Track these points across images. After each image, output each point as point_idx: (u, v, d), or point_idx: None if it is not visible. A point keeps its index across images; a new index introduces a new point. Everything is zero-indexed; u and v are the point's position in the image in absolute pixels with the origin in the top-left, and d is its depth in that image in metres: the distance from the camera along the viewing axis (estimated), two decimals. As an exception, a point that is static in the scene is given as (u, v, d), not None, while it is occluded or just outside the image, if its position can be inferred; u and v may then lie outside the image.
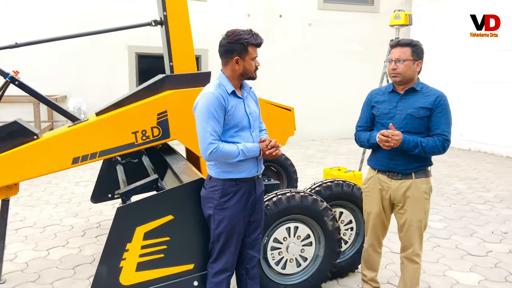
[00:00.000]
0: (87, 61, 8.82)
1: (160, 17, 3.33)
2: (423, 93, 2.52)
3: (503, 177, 6.77)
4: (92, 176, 6.46)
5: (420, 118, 2.46)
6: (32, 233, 4.11)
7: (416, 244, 2.57)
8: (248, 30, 2.25)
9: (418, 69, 2.52)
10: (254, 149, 2.28)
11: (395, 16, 5.42)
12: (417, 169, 2.51)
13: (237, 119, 2.27)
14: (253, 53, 2.24)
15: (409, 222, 2.55)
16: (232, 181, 2.29)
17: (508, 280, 3.29)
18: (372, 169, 2.71)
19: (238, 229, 2.34)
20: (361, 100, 2.90)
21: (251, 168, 2.32)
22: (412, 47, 2.49)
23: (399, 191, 2.54)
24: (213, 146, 2.17)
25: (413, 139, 2.41)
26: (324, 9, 10.35)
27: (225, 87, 2.26)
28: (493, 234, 4.27)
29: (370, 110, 2.71)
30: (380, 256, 2.86)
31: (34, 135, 2.93)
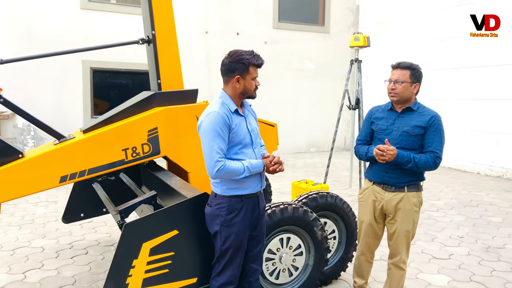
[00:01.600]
0: (38, 76, 8.45)
1: (147, 36, 3.37)
2: (419, 112, 2.70)
3: (449, 186, 7.37)
4: (49, 196, 6.18)
5: (415, 136, 2.65)
6: (2, 257, 3.88)
7: (403, 252, 2.76)
8: (250, 51, 2.37)
9: (415, 91, 2.71)
10: (258, 165, 2.37)
11: (355, 38, 5.81)
12: (410, 183, 2.69)
13: (240, 136, 2.36)
14: (253, 73, 2.37)
15: (398, 231, 2.73)
16: (237, 197, 2.36)
17: (472, 279, 3.63)
18: (368, 181, 2.88)
19: (243, 244, 2.43)
20: (313, 115, 3.16)
21: (255, 184, 2.42)
22: (412, 70, 2.67)
23: (392, 202, 2.72)
24: (220, 164, 2.24)
25: (406, 155, 2.59)
26: (278, 28, 10.74)
27: (228, 106, 2.35)
28: (451, 238, 4.66)
29: (369, 126, 2.88)
30: (371, 266, 3.01)
31: (19, 153, 2.84)
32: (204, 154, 2.30)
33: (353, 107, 6.14)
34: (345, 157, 10.17)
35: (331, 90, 11.02)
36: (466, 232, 4.87)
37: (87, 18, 8.75)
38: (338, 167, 9.14)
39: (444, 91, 9.18)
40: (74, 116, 8.74)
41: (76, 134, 3.14)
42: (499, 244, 4.49)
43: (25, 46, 8.14)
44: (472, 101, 8.66)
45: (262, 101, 10.33)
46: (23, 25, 8.25)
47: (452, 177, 8.21)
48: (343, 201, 3.43)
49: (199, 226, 2.49)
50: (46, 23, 8.41)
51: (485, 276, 3.70)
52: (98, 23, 8.81)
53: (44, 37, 8.29)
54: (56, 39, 8.29)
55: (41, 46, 8.06)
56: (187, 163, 3.27)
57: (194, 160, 3.23)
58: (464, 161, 8.96)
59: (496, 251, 4.30)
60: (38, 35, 8.32)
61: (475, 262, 4.00)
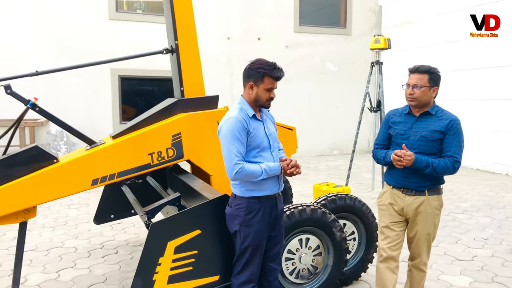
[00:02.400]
0: (70, 84, 8.83)
1: (170, 45, 3.55)
2: (438, 116, 2.67)
3: (475, 188, 7.26)
4: (81, 199, 6.47)
5: (433, 141, 2.61)
6: (37, 256, 4.13)
7: (424, 254, 2.76)
8: (273, 63, 2.48)
9: (434, 95, 2.68)
10: (276, 168, 2.47)
11: (375, 40, 5.84)
12: (430, 187, 2.66)
13: (258, 140, 2.47)
14: (268, 84, 2.45)
15: (419, 235, 2.71)
16: (255, 199, 2.47)
17: (495, 280, 3.62)
18: (387, 185, 2.85)
19: (262, 243, 2.53)
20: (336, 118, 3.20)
21: (273, 186, 2.52)
22: (430, 74, 2.63)
23: (412, 206, 2.68)
24: (238, 166, 2.36)
25: (424, 160, 2.56)
26: (300, 32, 10.83)
27: (246, 111, 2.47)
28: (475, 240, 4.63)
29: (387, 130, 2.86)
30: (395, 277, 2.80)
31: (54, 158, 3.04)
32: (224, 157, 2.42)
33: (374, 109, 6.16)
34: (368, 160, 10.11)
35: (354, 93, 10.98)
36: (491, 234, 4.82)
37: (115, 28, 9.10)
38: (361, 169, 9.13)
39: (473, 91, 9.03)
40: (104, 122, 9.09)
41: (106, 140, 3.33)
42: (525, 246, 4.43)
43: (57, 57, 8.54)
44: (502, 101, 8.48)
45: (285, 104, 10.49)
46: (54, 37, 8.66)
47: (480, 179, 8.07)
48: (362, 203, 3.49)
49: (220, 226, 2.62)
50: (76, 34, 8.79)
51: (508, 277, 3.67)
52: (126, 32, 9.14)
53: (74, 48, 8.68)
54: (86, 49, 8.66)
55: (72, 57, 8.44)
56: (209, 166, 3.41)
57: (216, 163, 3.37)
58: (492, 162, 8.78)
59: (521, 253, 4.25)
60: (69, 46, 8.71)
61: (499, 264, 3.97)
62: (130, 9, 9.53)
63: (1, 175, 2.87)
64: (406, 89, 2.70)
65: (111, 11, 9.07)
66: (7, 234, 4.77)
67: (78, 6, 8.78)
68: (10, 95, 3.01)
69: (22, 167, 2.94)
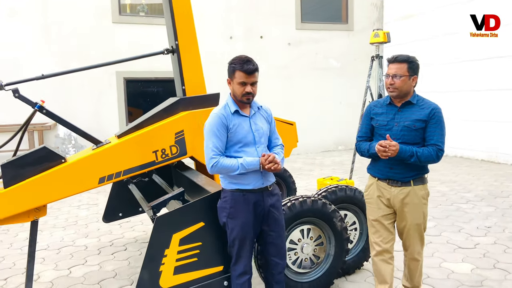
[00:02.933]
0: (76, 88, 8.98)
1: (171, 46, 3.65)
2: (419, 105, 2.68)
3: (480, 178, 7.28)
4: (90, 199, 6.61)
5: (416, 130, 2.63)
6: (49, 255, 4.26)
7: (416, 244, 2.78)
8: (245, 58, 2.49)
9: (413, 84, 2.69)
10: (254, 163, 2.47)
11: (375, 34, 5.90)
12: (415, 177, 2.68)
13: (240, 136, 2.52)
14: (239, 78, 2.47)
15: (409, 226, 2.73)
16: (239, 192, 2.53)
17: (496, 267, 3.67)
18: (372, 177, 2.87)
19: (249, 236, 2.57)
20: (340, 113, 3.25)
21: (255, 181, 2.53)
22: (409, 63, 2.64)
23: (399, 197, 2.70)
24: (214, 160, 2.46)
25: (409, 149, 2.57)
26: (302, 29, 10.88)
27: (229, 108, 2.54)
28: (478, 229, 4.68)
29: (369, 122, 2.85)
30: (392, 268, 2.86)
31: (62, 158, 3.16)
32: (204, 151, 2.54)
33: (376, 103, 6.21)
34: (374, 154, 10.16)
35: (357, 88, 10.99)
36: (494, 222, 4.86)
37: (119, 32, 9.22)
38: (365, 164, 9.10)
39: (476, 82, 9.03)
40: (110, 123, 9.23)
41: (111, 139, 3.45)
42: (528, 233, 4.47)
43: (62, 61, 8.67)
44: (507, 91, 8.47)
45: (288, 101, 10.57)
46: (59, 42, 8.81)
47: (485, 169, 8.09)
48: (362, 194, 3.55)
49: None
50: (80, 38, 8.93)
51: (510, 263, 3.73)
52: (129, 35, 9.27)
53: (79, 52, 8.82)
54: (90, 53, 8.81)
55: (77, 61, 8.59)
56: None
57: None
58: (498, 152, 8.78)
59: (524, 240, 4.30)
60: (73, 50, 8.85)
61: (501, 251, 4.02)
62: (133, 12, 9.65)
63: (12, 176, 2.99)
64: (386, 80, 2.71)
65: (114, 14, 9.21)
66: (20, 235, 4.92)
67: (82, 11, 8.92)
68: (18, 99, 3.14)
69: (31, 167, 3.06)
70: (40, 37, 8.70)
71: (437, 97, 9.67)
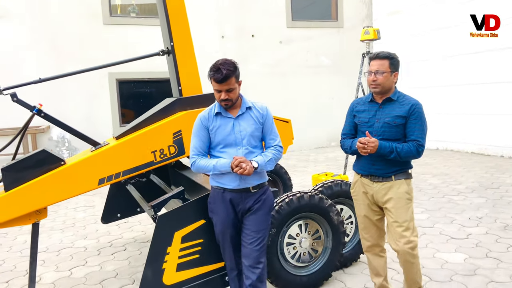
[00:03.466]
0: (68, 90, 8.96)
1: (166, 47, 3.69)
2: (399, 102, 2.69)
3: (471, 171, 7.42)
4: (86, 202, 6.63)
5: (397, 126, 2.65)
6: (49, 257, 4.29)
7: (403, 240, 2.65)
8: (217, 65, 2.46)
9: (395, 80, 2.71)
10: (225, 166, 2.47)
11: (365, 32, 5.99)
12: (397, 172, 2.69)
13: (220, 137, 2.54)
14: (214, 86, 2.49)
15: (393, 221, 2.69)
16: (219, 189, 2.59)
17: (489, 256, 3.78)
18: (356, 174, 2.90)
19: (228, 232, 2.60)
20: (332, 110, 3.30)
21: (231, 182, 2.53)
22: (390, 60, 2.66)
23: (380, 192, 2.72)
24: (192, 160, 2.59)
25: (388, 145, 2.59)
26: (292, 27, 10.96)
27: (213, 109, 2.59)
28: (470, 219, 4.79)
29: (352, 119, 2.89)
30: (384, 259, 2.93)
31: (61, 161, 3.20)
32: None
33: (367, 99, 6.31)
34: (367, 149, 10.28)
35: (349, 84, 11.09)
36: (485, 213, 4.98)
37: (110, 33, 9.23)
38: (360, 158, 9.27)
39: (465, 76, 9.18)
40: (104, 125, 9.24)
41: (109, 141, 3.49)
42: (518, 223, 4.60)
43: (54, 64, 8.66)
44: (493, 84, 8.64)
45: (281, 98, 10.65)
46: (50, 45, 8.79)
47: (475, 162, 8.24)
48: (357, 188, 3.64)
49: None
50: (72, 40, 8.93)
51: (501, 252, 3.84)
52: (121, 36, 9.28)
53: (70, 54, 8.82)
54: (82, 55, 8.81)
55: (69, 63, 8.58)
56: (210, 160, 3.56)
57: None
58: (487, 145, 8.95)
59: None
60: (65, 52, 8.85)
61: (493, 240, 4.13)
62: (124, 13, 9.66)
63: (12, 179, 3.02)
64: (369, 77, 2.72)
65: (105, 16, 9.21)
66: (18, 238, 4.93)
67: (73, 13, 8.91)
68: (17, 103, 3.17)
69: (31, 170, 3.09)
70: (32, 41, 8.68)
71: (428, 92, 9.82)
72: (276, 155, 2.62)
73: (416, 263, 2.74)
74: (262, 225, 2.60)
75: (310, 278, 3.24)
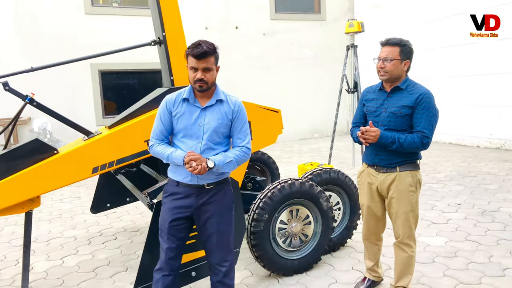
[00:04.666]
0: (49, 81, 8.81)
1: (158, 37, 3.72)
2: (408, 91, 2.60)
3: (449, 160, 7.70)
4: (72, 193, 6.59)
5: (402, 116, 2.56)
6: (39, 247, 4.29)
7: (404, 234, 2.70)
8: (198, 42, 2.28)
9: (405, 68, 2.61)
10: (179, 159, 2.30)
11: (349, 24, 6.12)
12: (402, 163, 2.63)
13: (181, 125, 2.37)
14: (190, 63, 2.29)
15: (396, 213, 2.69)
16: (174, 181, 2.44)
17: (468, 239, 3.98)
18: (364, 164, 2.86)
19: (165, 228, 2.39)
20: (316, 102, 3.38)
21: (184, 175, 2.37)
22: (401, 47, 2.56)
23: (385, 183, 2.68)
24: (151, 143, 2.45)
25: (391, 136, 2.52)
26: (276, 19, 11.03)
27: (182, 94, 2.40)
28: (449, 206, 5.01)
29: (362, 108, 2.84)
30: (378, 248, 2.99)
31: (54, 150, 3.21)
32: None
33: (351, 90, 6.46)
34: (349, 141, 10.43)
35: (332, 76, 11.28)
36: (464, 200, 5.21)
37: (92, 23, 9.10)
38: (342, 150, 9.49)
39: (444, 69, 9.46)
40: (87, 117, 9.12)
41: (102, 130, 3.51)
42: (494, 208, 4.83)
43: (37, 55, 8.50)
44: (470, 77, 8.93)
45: (265, 90, 10.73)
46: (32, 36, 8.62)
47: (453, 152, 8.53)
48: (345, 175, 3.78)
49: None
50: (52, 29, 8.77)
51: (480, 235, 4.05)
52: (103, 26, 9.15)
53: (53, 45, 8.66)
54: (65, 45, 8.65)
55: (50, 53, 8.44)
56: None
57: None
58: (464, 135, 9.26)
59: (491, 214, 4.64)
60: (48, 43, 8.68)
61: (471, 225, 4.35)
62: (106, 2, 9.52)
63: (5, 168, 3.03)
64: (377, 63, 2.63)
65: (87, 5, 9.07)
66: (5, 229, 4.90)
67: (54, 3, 8.74)
68: (9, 91, 3.17)
69: (24, 159, 3.10)
70: (14, 32, 8.49)
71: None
72: (239, 156, 2.39)
73: (410, 255, 2.73)
74: (225, 226, 2.44)
75: (301, 262, 3.37)
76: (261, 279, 3.34)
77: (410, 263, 2.77)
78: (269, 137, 4.05)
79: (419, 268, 3.39)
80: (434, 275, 3.28)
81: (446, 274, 3.29)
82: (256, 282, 3.30)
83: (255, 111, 3.93)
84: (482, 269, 3.35)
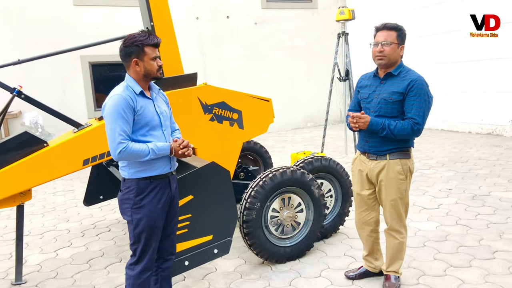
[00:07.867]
0: (39, 74, 8.71)
1: (146, 27, 3.69)
2: (401, 77, 2.57)
3: (441, 146, 7.75)
4: (65, 186, 6.57)
5: (392, 103, 2.54)
6: (32, 240, 4.29)
7: (393, 221, 2.72)
8: (144, 32, 2.33)
9: (401, 53, 2.59)
10: (165, 148, 2.32)
11: (340, 12, 6.09)
12: (392, 151, 2.61)
13: (147, 118, 2.33)
14: (151, 53, 2.30)
15: (384, 201, 2.70)
16: (146, 179, 2.33)
17: (458, 223, 4.03)
18: (358, 151, 2.88)
19: (157, 225, 2.39)
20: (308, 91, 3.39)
21: (164, 166, 2.38)
22: (398, 31, 2.54)
23: (374, 171, 2.68)
24: (122, 145, 2.20)
25: (381, 122, 2.51)
26: (267, 8, 10.95)
27: (132, 88, 2.32)
28: (440, 191, 5.06)
29: (357, 95, 2.83)
30: (374, 240, 2.93)
31: (44, 142, 3.20)
32: (107, 137, 2.26)
33: (343, 78, 6.46)
34: (341, 129, 10.50)
35: (324, 65, 11.26)
36: (455, 185, 5.27)
37: (81, 14, 8.99)
38: (335, 138, 9.52)
39: (436, 55, 9.47)
40: (78, 110, 9.05)
41: (92, 122, 3.50)
42: (485, 192, 4.89)
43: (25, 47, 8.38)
44: (460, 63, 8.96)
45: (257, 80, 10.70)
46: (21, 28, 8.50)
47: (445, 138, 8.59)
48: (336, 163, 3.80)
49: (210, 191, 2.87)
50: (42, 23, 8.65)
51: (470, 219, 4.10)
52: (91, 17, 9.05)
53: (42, 37, 8.54)
54: (53, 37, 8.54)
55: (39, 44, 8.31)
56: (193, 139, 3.62)
57: (199, 137, 3.59)
58: (456, 122, 9.32)
59: (481, 198, 4.70)
60: (36, 35, 8.57)
61: (462, 209, 4.40)
62: (95, -6, 9.39)
63: (-5, 162, 3.01)
64: (374, 48, 2.59)
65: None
66: (-2, 224, 4.89)
67: (41, -6, 8.63)
68: (-4, 84, 3.13)
69: (14, 152, 3.09)
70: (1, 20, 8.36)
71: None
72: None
73: (400, 241, 2.76)
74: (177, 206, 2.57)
75: (294, 249, 3.40)
76: (255, 267, 3.37)
77: (400, 249, 2.80)
78: (260, 126, 4.06)
79: (410, 252, 3.44)
80: (425, 259, 3.33)
81: (437, 258, 3.34)
82: (250, 270, 3.33)
83: (246, 100, 3.94)
84: (472, 252, 3.40)
